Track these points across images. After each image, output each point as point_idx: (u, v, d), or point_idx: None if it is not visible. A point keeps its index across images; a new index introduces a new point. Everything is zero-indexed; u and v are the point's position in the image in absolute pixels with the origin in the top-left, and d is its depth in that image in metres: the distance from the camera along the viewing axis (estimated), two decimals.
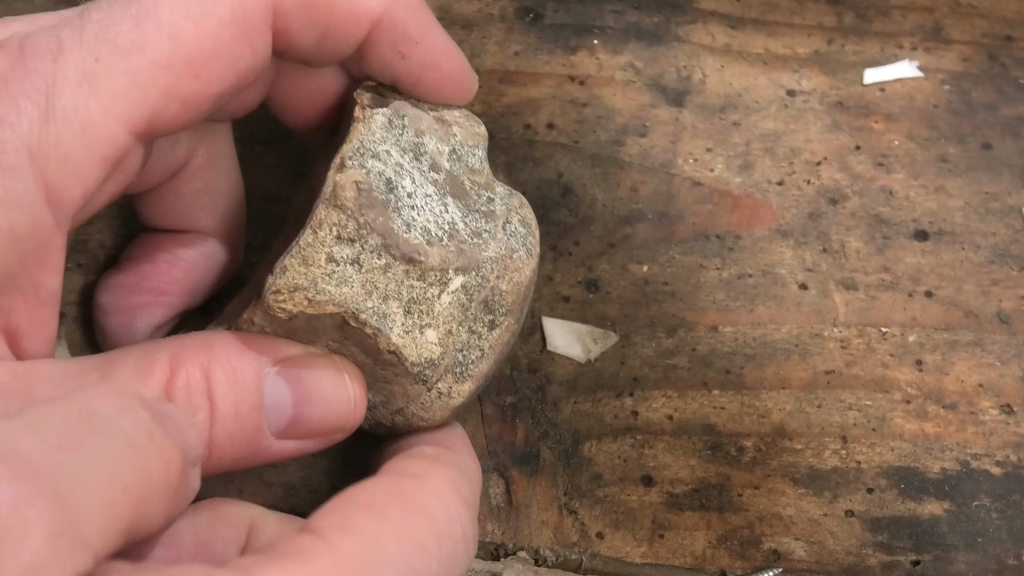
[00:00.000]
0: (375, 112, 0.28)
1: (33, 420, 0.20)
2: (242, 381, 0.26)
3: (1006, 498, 0.34)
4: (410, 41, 0.29)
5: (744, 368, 0.36)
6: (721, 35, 0.44)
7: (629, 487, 0.34)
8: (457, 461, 0.28)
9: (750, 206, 0.40)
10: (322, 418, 0.27)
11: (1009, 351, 0.37)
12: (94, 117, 0.25)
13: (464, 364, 0.29)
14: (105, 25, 0.25)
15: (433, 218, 0.28)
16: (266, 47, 0.27)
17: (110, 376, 0.25)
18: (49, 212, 0.25)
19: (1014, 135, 0.42)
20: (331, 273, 0.26)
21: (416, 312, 0.27)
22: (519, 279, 0.29)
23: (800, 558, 0.33)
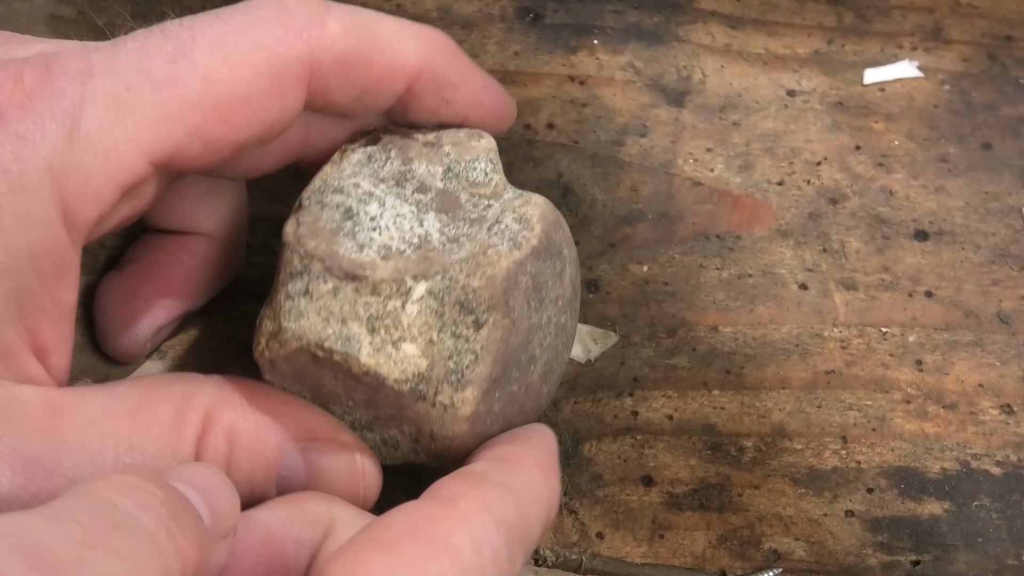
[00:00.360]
0: (352, 149, 0.29)
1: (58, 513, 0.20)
2: (262, 453, 0.27)
3: (1006, 498, 0.34)
4: (452, 86, 0.29)
5: (744, 368, 0.36)
6: (721, 35, 0.44)
7: (629, 487, 0.34)
8: (508, 479, 0.26)
9: (750, 206, 0.40)
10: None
11: (1009, 351, 0.37)
12: (118, 144, 0.25)
13: (458, 371, 0.28)
14: (139, 56, 0.25)
15: (399, 235, 0.28)
16: (296, 103, 0.27)
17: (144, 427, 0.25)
18: (65, 232, 0.25)
19: (1014, 135, 0.42)
20: (289, 310, 0.27)
21: (382, 328, 0.27)
22: (492, 272, 0.28)
23: (800, 558, 0.33)
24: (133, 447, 0.25)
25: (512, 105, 0.31)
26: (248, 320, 0.36)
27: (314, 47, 0.27)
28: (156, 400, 0.26)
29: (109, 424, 0.25)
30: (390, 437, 0.29)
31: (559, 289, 0.30)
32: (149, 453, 0.25)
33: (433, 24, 0.44)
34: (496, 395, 0.28)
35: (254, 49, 0.26)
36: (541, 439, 0.29)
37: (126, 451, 0.25)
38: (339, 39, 0.27)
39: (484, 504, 0.24)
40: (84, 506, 0.21)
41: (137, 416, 0.26)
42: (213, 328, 0.36)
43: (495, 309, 0.28)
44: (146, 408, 0.26)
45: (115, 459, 0.25)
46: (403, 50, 0.28)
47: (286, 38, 0.26)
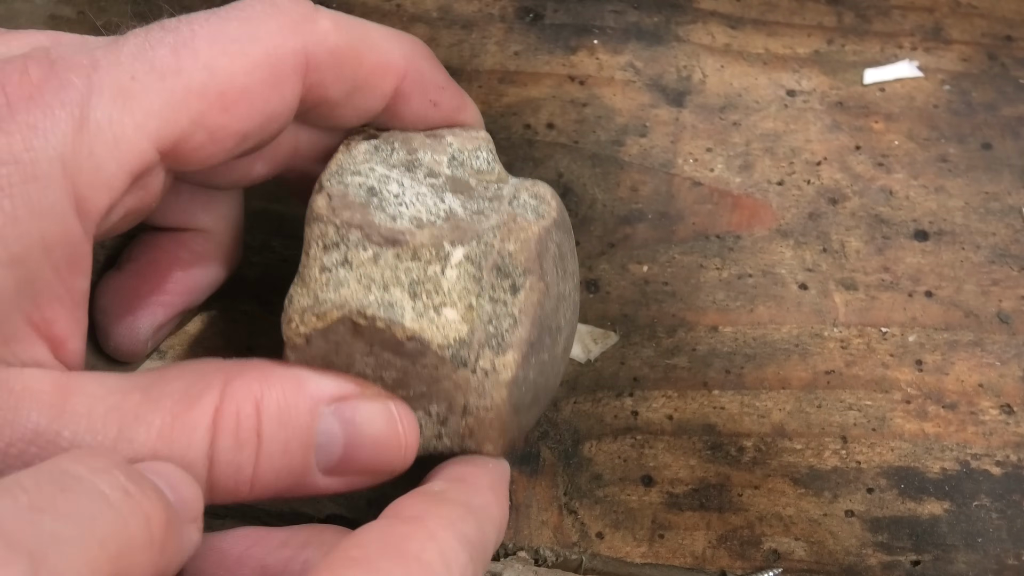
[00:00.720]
0: (359, 141, 0.29)
1: (6, 483, 0.20)
2: (295, 418, 0.26)
3: (1006, 498, 0.34)
4: (439, 88, 0.30)
5: (744, 368, 0.36)
6: (721, 35, 0.44)
7: (629, 487, 0.34)
8: (467, 499, 0.26)
9: (750, 206, 0.40)
10: (372, 459, 0.27)
11: (1009, 351, 0.37)
12: (127, 131, 0.25)
13: (498, 335, 0.28)
14: (142, 49, 0.26)
15: (425, 208, 0.28)
16: (294, 95, 0.28)
17: (155, 399, 0.25)
18: (78, 221, 0.25)
19: (1014, 135, 0.42)
20: (327, 282, 0.27)
21: (423, 293, 0.27)
22: (526, 236, 0.28)
23: (800, 558, 0.33)
24: (139, 418, 0.25)
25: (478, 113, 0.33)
26: (248, 320, 0.36)
27: (308, 40, 0.27)
28: (170, 376, 0.26)
29: (116, 397, 0.25)
30: (420, 419, 0.29)
31: (574, 264, 0.31)
32: (155, 425, 0.25)
33: (433, 24, 0.44)
34: (532, 361, 0.28)
35: (252, 41, 0.27)
36: (496, 466, 0.29)
37: (131, 423, 0.25)
38: (331, 34, 0.28)
39: (448, 522, 0.25)
40: (32, 474, 0.21)
41: (149, 391, 0.25)
42: (213, 328, 0.36)
43: (531, 272, 0.28)
44: (159, 384, 0.26)
45: (119, 431, 0.25)
46: (391, 50, 0.29)
47: (281, 32, 0.27)
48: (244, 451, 0.25)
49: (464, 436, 0.29)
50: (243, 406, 0.26)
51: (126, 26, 0.28)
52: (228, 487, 0.26)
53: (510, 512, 0.33)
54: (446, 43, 0.43)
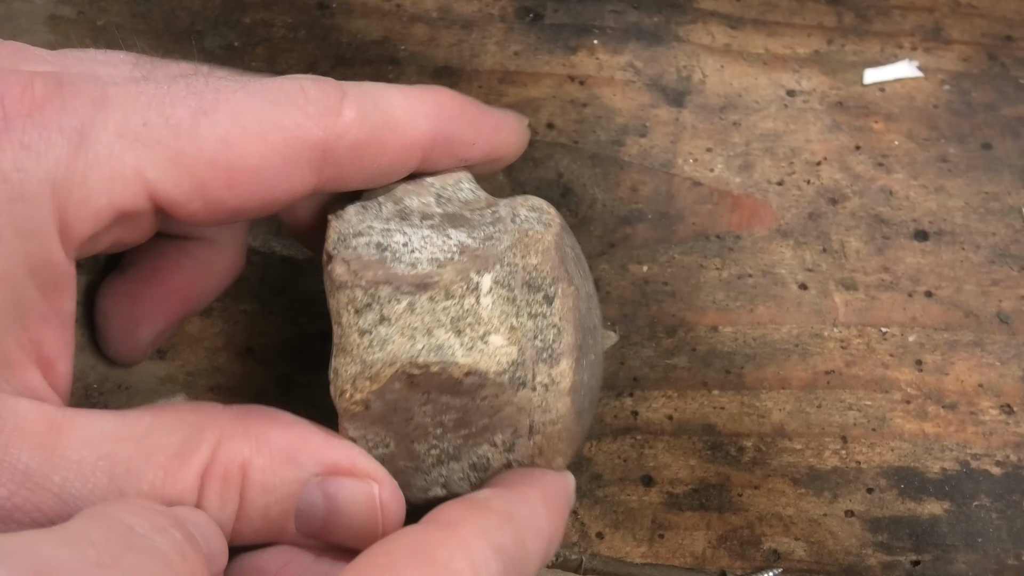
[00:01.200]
0: (345, 209, 0.29)
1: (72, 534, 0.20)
2: (278, 487, 0.26)
3: (1006, 498, 0.34)
4: (468, 145, 0.30)
5: (744, 368, 0.36)
6: (721, 35, 0.44)
7: (629, 487, 0.34)
8: (509, 508, 0.26)
9: (750, 206, 0.40)
10: (346, 536, 0.27)
11: (1009, 351, 0.37)
12: (126, 171, 0.25)
13: (547, 347, 0.28)
14: (161, 102, 0.26)
15: (437, 249, 0.28)
16: (304, 187, 0.27)
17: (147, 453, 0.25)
18: (60, 246, 0.25)
19: (1014, 135, 0.42)
20: (370, 344, 0.27)
21: (466, 327, 0.27)
22: (544, 247, 0.28)
23: (800, 558, 0.33)
24: (130, 471, 0.25)
25: (525, 124, 0.32)
26: (248, 320, 0.36)
27: (329, 135, 0.27)
28: (165, 428, 0.26)
29: (109, 446, 0.25)
30: (479, 458, 0.29)
31: (584, 266, 0.31)
32: (147, 479, 0.25)
33: (433, 24, 0.44)
34: (583, 364, 0.29)
35: (273, 126, 0.26)
36: (555, 479, 0.29)
37: (122, 475, 0.25)
38: (353, 128, 0.27)
39: (483, 530, 0.24)
40: (99, 527, 0.21)
41: (143, 442, 0.25)
42: (213, 328, 0.36)
43: (560, 279, 0.28)
44: (153, 435, 0.26)
45: (109, 482, 0.25)
46: (415, 126, 0.29)
47: (304, 123, 0.27)
48: (227, 509, 0.26)
49: (533, 456, 0.29)
50: (231, 467, 0.26)
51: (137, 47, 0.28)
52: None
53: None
54: (446, 43, 0.43)
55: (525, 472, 0.29)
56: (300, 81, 0.27)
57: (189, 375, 0.35)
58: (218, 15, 0.42)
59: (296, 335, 0.36)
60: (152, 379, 0.35)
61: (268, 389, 0.35)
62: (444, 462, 0.29)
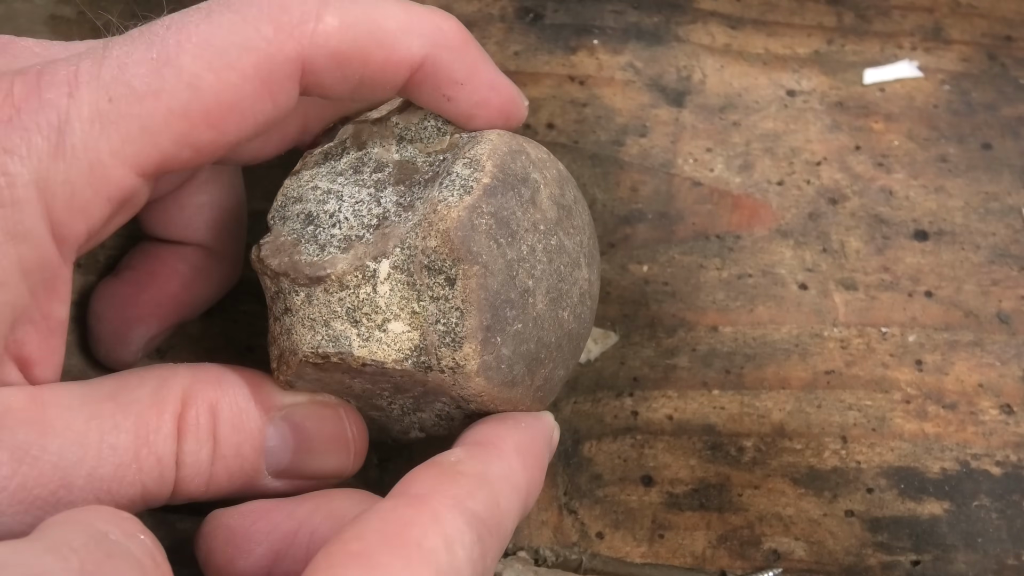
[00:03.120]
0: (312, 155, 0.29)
1: (53, 543, 0.20)
2: (246, 423, 0.27)
3: (1006, 498, 0.34)
4: (455, 84, 0.28)
5: (744, 368, 0.36)
6: (721, 35, 0.44)
7: (629, 487, 0.34)
8: (482, 468, 0.26)
9: (750, 206, 0.40)
10: (319, 465, 0.28)
11: (1009, 351, 0.37)
12: (103, 158, 0.25)
13: (449, 331, 0.27)
14: (124, 65, 0.25)
15: (357, 222, 0.28)
16: (289, 100, 0.27)
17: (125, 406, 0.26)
18: (54, 247, 0.25)
19: (1014, 135, 0.42)
20: (280, 332, 0.28)
21: (363, 317, 0.27)
22: (444, 226, 0.27)
23: (800, 558, 0.33)
24: (117, 426, 0.26)
25: (523, 104, 0.30)
26: (248, 320, 0.36)
27: (306, 45, 0.26)
28: (132, 384, 0.27)
29: (91, 407, 0.25)
30: (441, 410, 0.29)
31: (535, 214, 0.29)
32: (131, 432, 0.26)
33: None
34: (498, 340, 0.28)
35: (242, 51, 0.25)
36: (531, 424, 0.28)
37: (111, 430, 0.25)
38: (334, 36, 0.26)
39: (454, 500, 0.24)
40: (77, 535, 0.21)
41: (118, 397, 0.26)
42: (213, 328, 0.36)
43: (461, 260, 0.27)
44: (123, 391, 0.26)
45: (100, 439, 0.25)
46: (405, 43, 0.27)
47: (276, 37, 0.25)
48: (203, 452, 0.26)
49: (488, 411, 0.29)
50: (201, 409, 0.26)
51: (123, 26, 0.28)
52: (189, 488, 0.27)
53: None
54: None
55: (501, 420, 0.28)
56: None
57: None
58: None
59: None
60: None
61: None
62: (410, 413, 0.29)
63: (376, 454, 0.34)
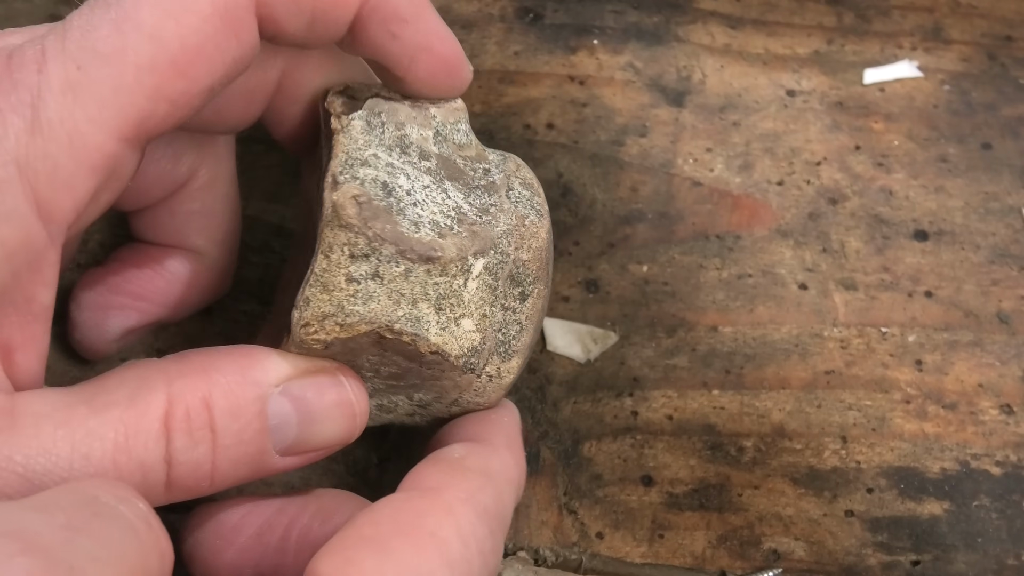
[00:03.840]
0: (351, 118, 0.28)
1: (40, 502, 0.20)
2: (245, 407, 0.26)
3: (1006, 498, 0.34)
4: (400, 20, 0.28)
5: (744, 368, 0.36)
6: (721, 35, 0.44)
7: (629, 487, 0.34)
8: (485, 464, 0.26)
9: (750, 206, 0.40)
10: (327, 434, 0.27)
11: (1009, 351, 0.37)
12: (80, 127, 0.24)
13: (506, 342, 0.29)
14: (85, 31, 0.25)
15: (437, 208, 0.28)
16: (252, 36, 0.26)
17: (101, 411, 0.25)
18: (41, 226, 0.24)
19: (1014, 135, 0.42)
20: (354, 293, 0.26)
21: (447, 307, 0.27)
22: (537, 244, 0.29)
23: (800, 558, 0.33)
24: (91, 433, 0.24)
25: (467, 66, 0.30)
26: (248, 320, 0.36)
27: None
28: (110, 386, 0.26)
29: (63, 413, 0.25)
30: (389, 402, 0.29)
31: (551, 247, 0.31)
32: (108, 439, 0.25)
33: None
34: (527, 360, 0.29)
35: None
36: (511, 417, 0.29)
37: (83, 439, 0.24)
38: None
39: (467, 495, 0.24)
40: (65, 496, 0.21)
41: (93, 402, 0.25)
42: (213, 328, 0.36)
43: (539, 280, 0.29)
44: (100, 395, 0.25)
45: (72, 448, 0.24)
46: None
47: None
48: (200, 447, 0.25)
49: (443, 419, 0.30)
50: (192, 404, 0.25)
51: None
52: (188, 485, 0.26)
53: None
54: None
55: (482, 417, 0.29)
56: None
57: None
58: None
59: None
60: None
61: None
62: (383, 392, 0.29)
63: (376, 454, 0.34)
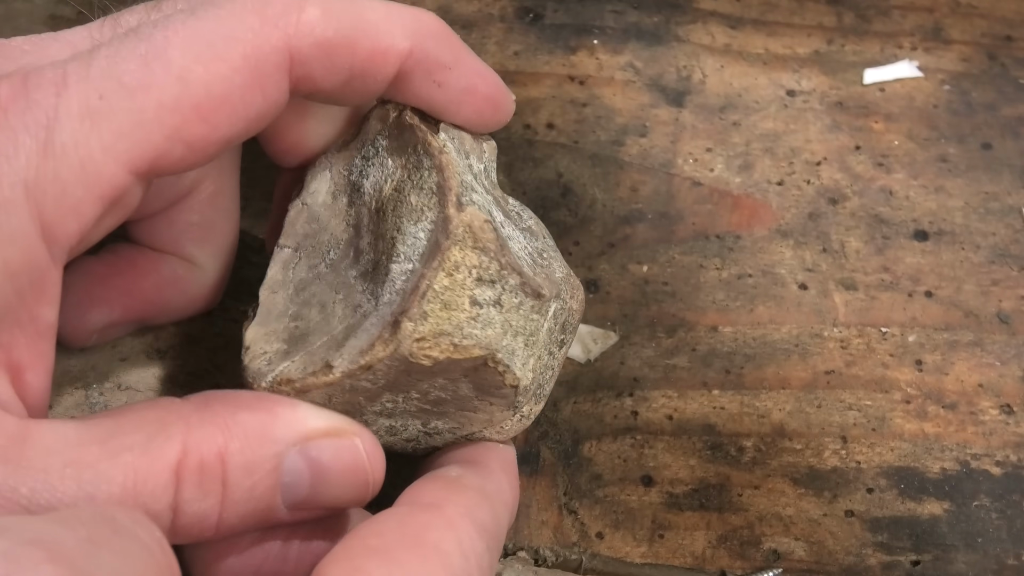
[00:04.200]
0: (443, 140, 0.28)
1: (63, 517, 0.20)
2: (260, 464, 0.26)
3: (1006, 498, 0.34)
4: (444, 68, 0.28)
5: (744, 368, 0.36)
6: (721, 35, 0.44)
7: (629, 487, 0.34)
8: (482, 484, 0.27)
9: (750, 206, 0.40)
10: (337, 496, 0.27)
11: (1009, 351, 0.37)
12: (94, 155, 0.24)
13: (542, 385, 0.29)
14: (112, 61, 0.25)
15: (521, 249, 0.28)
16: (280, 93, 0.27)
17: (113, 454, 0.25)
18: (44, 248, 0.24)
19: (1014, 135, 0.42)
20: (476, 316, 0.26)
21: (531, 345, 0.27)
22: (581, 296, 0.29)
23: (800, 558, 0.33)
24: (99, 475, 0.24)
25: (509, 98, 0.30)
26: None
27: (292, 35, 0.26)
28: (128, 428, 0.25)
29: (74, 452, 0.24)
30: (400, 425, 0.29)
31: None
32: (116, 481, 0.24)
33: None
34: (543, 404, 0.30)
35: (229, 43, 0.25)
36: (503, 448, 0.30)
37: (90, 479, 0.24)
38: (318, 25, 0.26)
39: (467, 510, 0.25)
40: (87, 513, 0.21)
41: (107, 444, 0.25)
42: (213, 328, 0.36)
43: (574, 331, 0.29)
44: (117, 436, 0.25)
45: (78, 488, 0.24)
46: (390, 33, 0.27)
47: (262, 29, 0.26)
48: (209, 500, 0.25)
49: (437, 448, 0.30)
50: (207, 456, 0.25)
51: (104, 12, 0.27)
52: (192, 533, 0.26)
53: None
54: None
55: (477, 445, 0.29)
56: None
57: (189, 375, 0.35)
58: None
59: None
60: (152, 379, 0.35)
61: None
62: (381, 416, 0.29)
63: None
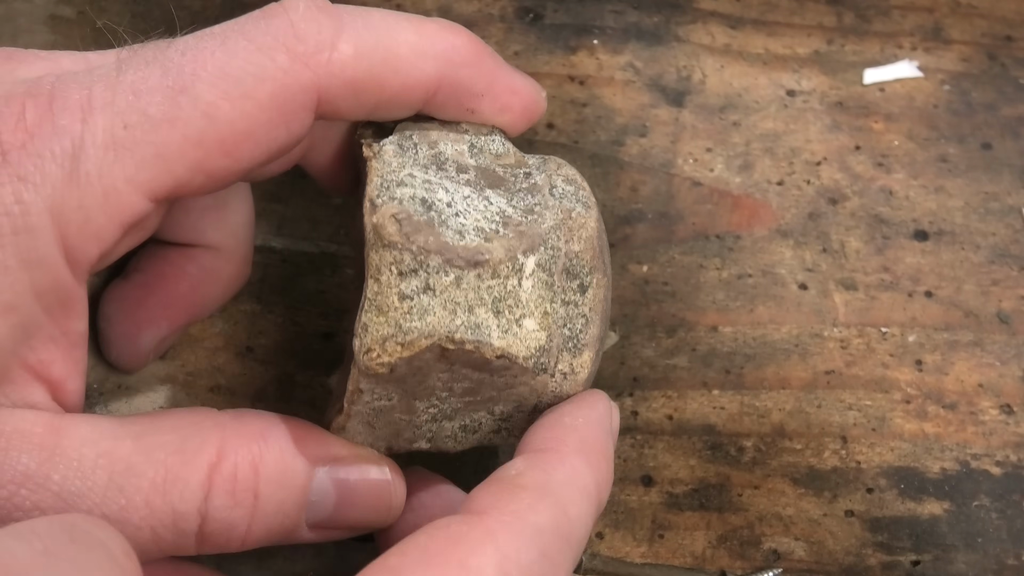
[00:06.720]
0: (382, 144, 0.28)
1: (17, 530, 0.20)
2: (292, 480, 0.26)
3: (1006, 498, 0.34)
4: (475, 96, 0.28)
5: (744, 368, 0.36)
6: (721, 35, 0.44)
7: (629, 487, 0.34)
8: (544, 477, 0.25)
9: (750, 206, 0.40)
10: (360, 518, 0.28)
11: (1009, 351, 0.37)
12: (117, 184, 0.25)
13: (573, 336, 0.28)
14: (139, 92, 0.25)
15: (480, 215, 0.27)
16: (303, 128, 0.27)
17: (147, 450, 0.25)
18: (68, 270, 0.25)
19: (1014, 135, 0.42)
20: (409, 310, 0.26)
21: (505, 309, 0.27)
22: (587, 234, 0.29)
23: (800, 558, 0.33)
24: (131, 468, 0.25)
25: (542, 98, 0.30)
26: (248, 320, 0.36)
27: (322, 75, 0.26)
28: (165, 427, 0.26)
29: (107, 443, 0.25)
30: (472, 421, 0.29)
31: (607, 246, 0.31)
32: (147, 477, 0.25)
33: None
34: (599, 353, 0.29)
35: (257, 81, 0.25)
36: (587, 416, 0.27)
37: (121, 472, 0.25)
38: (349, 65, 0.26)
39: (514, 516, 0.23)
40: (44, 523, 0.21)
41: (141, 439, 0.25)
42: (213, 328, 0.36)
43: (596, 269, 0.29)
44: (152, 433, 0.25)
45: (109, 479, 0.25)
46: (419, 67, 0.27)
47: (292, 67, 0.25)
48: (239, 509, 0.26)
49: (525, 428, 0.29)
50: (241, 465, 0.26)
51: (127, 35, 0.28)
52: (219, 542, 0.26)
53: None
54: None
55: (557, 419, 0.27)
56: (289, 14, 0.26)
57: (189, 375, 0.35)
58: (219, 14, 0.42)
59: (296, 335, 0.36)
60: (152, 379, 0.35)
61: (268, 389, 0.35)
62: (438, 420, 0.29)
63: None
